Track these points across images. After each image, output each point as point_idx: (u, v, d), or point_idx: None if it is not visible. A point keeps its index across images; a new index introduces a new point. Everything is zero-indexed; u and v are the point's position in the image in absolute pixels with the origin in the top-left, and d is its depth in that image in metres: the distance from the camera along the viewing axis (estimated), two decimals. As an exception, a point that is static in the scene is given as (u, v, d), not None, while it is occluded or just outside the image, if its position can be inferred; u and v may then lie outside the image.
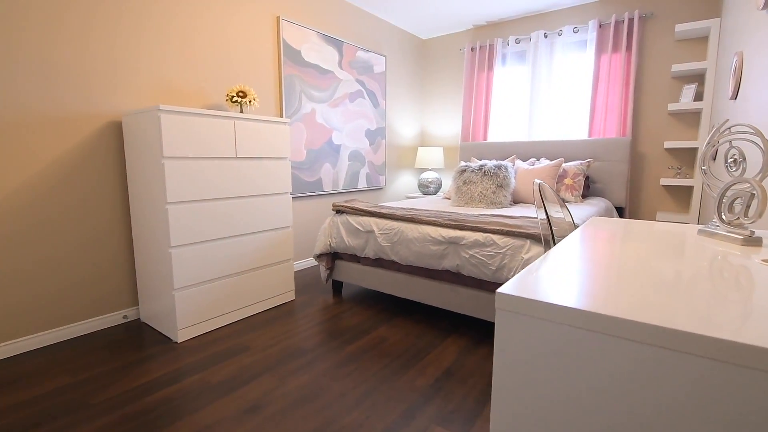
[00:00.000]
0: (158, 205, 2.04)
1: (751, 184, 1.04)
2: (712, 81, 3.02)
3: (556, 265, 0.80)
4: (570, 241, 1.04)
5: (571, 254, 0.89)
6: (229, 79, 2.78)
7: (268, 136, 2.46)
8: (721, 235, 1.09)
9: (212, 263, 2.22)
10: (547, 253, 0.91)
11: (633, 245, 0.99)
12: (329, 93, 3.51)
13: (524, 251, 1.93)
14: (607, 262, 0.84)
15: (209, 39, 2.64)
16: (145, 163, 2.08)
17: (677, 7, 3.30)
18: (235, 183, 2.29)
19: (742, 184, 1.08)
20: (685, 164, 3.39)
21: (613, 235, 1.14)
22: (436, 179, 4.48)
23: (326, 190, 3.59)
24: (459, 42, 4.52)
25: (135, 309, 2.41)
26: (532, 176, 3.24)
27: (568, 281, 0.70)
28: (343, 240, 2.65)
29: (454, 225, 2.19)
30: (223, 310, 2.30)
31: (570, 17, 3.78)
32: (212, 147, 2.16)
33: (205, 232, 2.16)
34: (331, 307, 2.59)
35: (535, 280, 0.71)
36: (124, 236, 2.33)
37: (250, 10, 2.86)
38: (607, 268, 0.78)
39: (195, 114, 2.07)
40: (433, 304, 2.32)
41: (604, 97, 3.60)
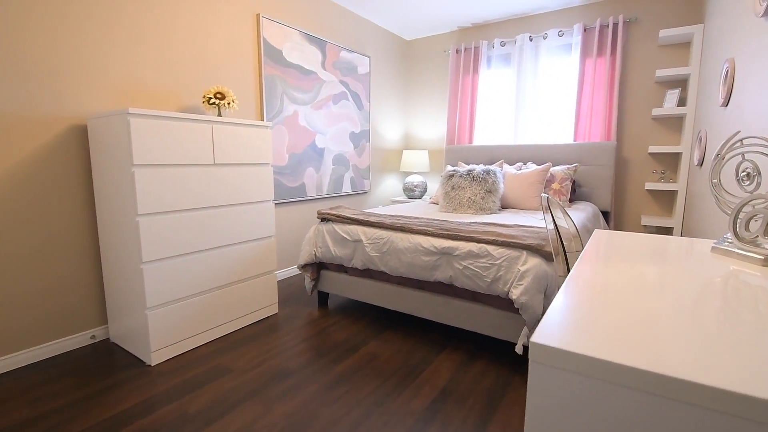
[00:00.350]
0: (128, 217, 1.87)
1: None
2: (696, 86, 3.05)
3: (584, 301, 0.71)
4: (585, 265, 0.96)
5: (593, 284, 0.81)
6: (206, 79, 2.62)
7: (248, 141, 2.31)
8: (738, 254, 1.03)
9: (189, 278, 2.06)
10: (568, 281, 0.83)
11: (650, 269, 0.92)
12: (312, 94, 3.38)
13: (521, 263, 1.86)
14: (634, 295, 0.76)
15: (185, 37, 2.48)
16: (113, 171, 1.91)
17: (661, 13, 3.31)
18: (213, 191, 2.14)
19: (759, 200, 1.03)
20: (669, 169, 3.41)
21: (624, 255, 1.07)
22: (422, 183, 4.40)
23: (310, 195, 3.46)
24: (444, 43, 4.45)
25: (104, 328, 2.22)
26: (520, 181, 3.20)
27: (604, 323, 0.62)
28: (329, 250, 2.53)
29: (446, 235, 2.11)
30: (201, 328, 2.15)
31: (555, 21, 3.77)
32: (188, 153, 2.00)
33: (180, 245, 2.01)
34: (317, 321, 2.47)
35: (569, 325, 0.62)
36: (90, 250, 2.15)
37: (229, 7, 2.71)
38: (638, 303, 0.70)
39: (168, 118, 1.91)
40: (425, 316, 2.23)
41: (589, 101, 3.59)
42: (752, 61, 1.69)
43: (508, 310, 1.94)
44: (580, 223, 2.63)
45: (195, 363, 1.96)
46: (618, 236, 1.30)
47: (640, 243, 1.20)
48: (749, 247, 1.02)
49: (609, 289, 0.77)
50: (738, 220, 1.06)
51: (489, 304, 2.01)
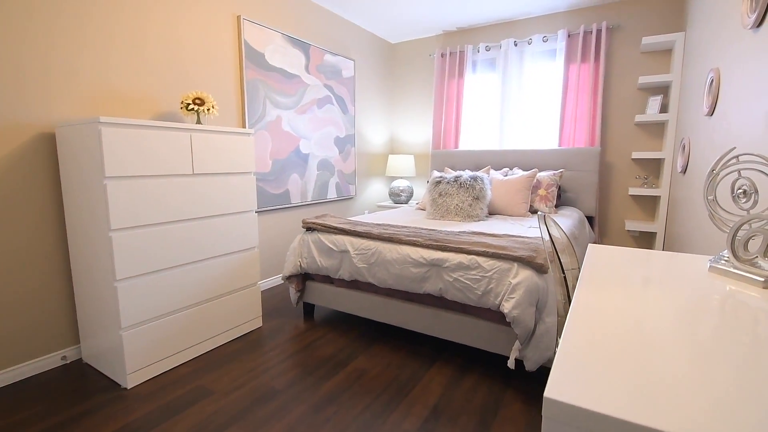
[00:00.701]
0: (100, 232, 1.76)
1: (770, 222, 0.97)
2: (677, 93, 3.09)
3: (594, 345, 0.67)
4: (585, 294, 0.92)
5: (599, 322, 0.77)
6: (185, 84, 2.51)
7: (229, 149, 2.22)
8: (736, 274, 1.01)
9: (167, 295, 1.96)
10: (572, 316, 0.79)
11: (655, 300, 0.88)
12: (296, 99, 3.29)
13: (512, 275, 1.82)
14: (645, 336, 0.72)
15: (161, 39, 2.36)
16: (84, 183, 1.79)
17: (643, 20, 3.35)
18: (192, 203, 2.04)
19: (758, 221, 1.01)
20: (652, 174, 3.45)
21: (623, 280, 1.03)
22: (408, 188, 4.36)
23: (294, 202, 3.37)
24: (429, 47, 4.42)
25: (76, 348, 2.10)
26: (507, 187, 3.18)
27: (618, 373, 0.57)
28: (315, 260, 2.46)
29: (435, 246, 2.06)
30: (181, 346, 2.05)
31: (539, 26, 3.77)
32: (165, 163, 1.90)
33: (157, 261, 1.90)
34: (303, 334, 2.39)
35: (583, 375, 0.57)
36: (60, 266, 2.02)
37: (208, 9, 2.60)
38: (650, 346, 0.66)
39: (143, 126, 1.81)
40: (414, 329, 2.18)
41: (573, 107, 3.61)
42: (739, 72, 1.70)
43: (499, 322, 1.91)
44: (567, 231, 2.62)
45: (174, 385, 1.86)
46: (612, 254, 1.27)
47: (636, 263, 1.17)
48: (748, 267, 1.00)
49: (618, 329, 0.73)
50: (736, 239, 1.05)
51: (480, 316, 1.98)
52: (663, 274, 1.07)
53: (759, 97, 1.44)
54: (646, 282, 0.99)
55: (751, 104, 1.52)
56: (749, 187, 1.09)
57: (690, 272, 1.08)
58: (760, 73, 1.45)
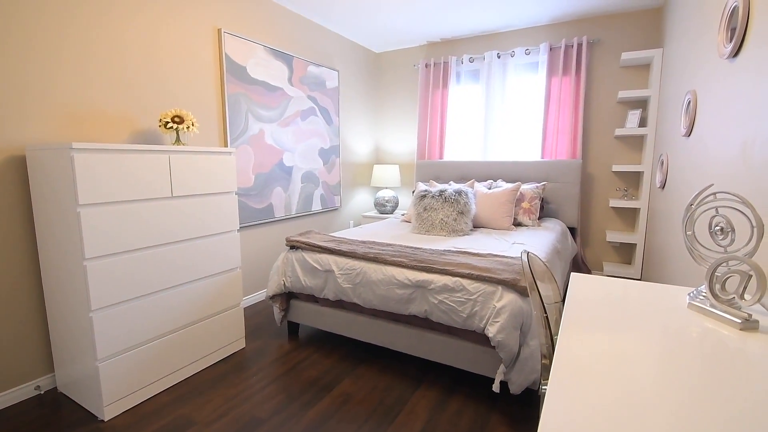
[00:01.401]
0: (74, 261, 1.70)
1: (748, 265, 0.99)
2: (656, 108, 3.15)
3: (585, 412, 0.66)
4: (569, 341, 0.92)
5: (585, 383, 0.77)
6: (164, 100, 2.45)
7: (210, 169, 2.17)
8: (715, 314, 1.03)
9: (146, 322, 1.90)
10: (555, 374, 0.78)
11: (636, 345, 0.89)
12: (279, 111, 3.25)
13: (496, 298, 1.83)
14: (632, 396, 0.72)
15: (138, 55, 2.29)
16: (57, 209, 1.73)
17: (623, 36, 3.41)
18: (171, 226, 1.98)
19: (735, 261, 1.03)
20: (631, 186, 3.52)
21: (605, 320, 1.04)
22: (393, 198, 4.35)
23: (278, 216, 3.32)
24: (413, 57, 4.42)
25: (50, 377, 2.02)
26: (491, 201, 3.20)
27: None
28: (299, 279, 2.43)
29: (420, 267, 2.06)
30: (161, 374, 1.99)
31: (522, 39, 3.81)
32: (142, 187, 1.85)
33: (135, 288, 1.84)
34: (287, 356, 2.36)
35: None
36: (33, 294, 1.94)
37: (187, 22, 2.54)
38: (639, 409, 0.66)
39: (119, 150, 1.75)
40: (400, 349, 2.17)
41: (555, 119, 3.66)
42: (715, 99, 1.74)
43: (484, 344, 1.91)
44: (550, 245, 2.65)
45: (154, 415, 1.81)
46: (594, 287, 1.28)
47: (618, 300, 1.18)
48: (726, 308, 1.02)
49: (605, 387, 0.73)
50: (715, 276, 1.06)
51: (465, 338, 1.98)
52: (644, 312, 1.08)
53: (735, 126, 1.48)
54: (627, 325, 0.99)
55: (728, 132, 1.55)
56: (726, 225, 1.11)
57: (670, 309, 1.10)
58: (737, 102, 1.48)
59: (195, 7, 2.57)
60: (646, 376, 0.76)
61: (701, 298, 1.11)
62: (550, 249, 2.57)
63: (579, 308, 1.11)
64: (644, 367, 0.79)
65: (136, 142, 2.31)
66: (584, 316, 1.06)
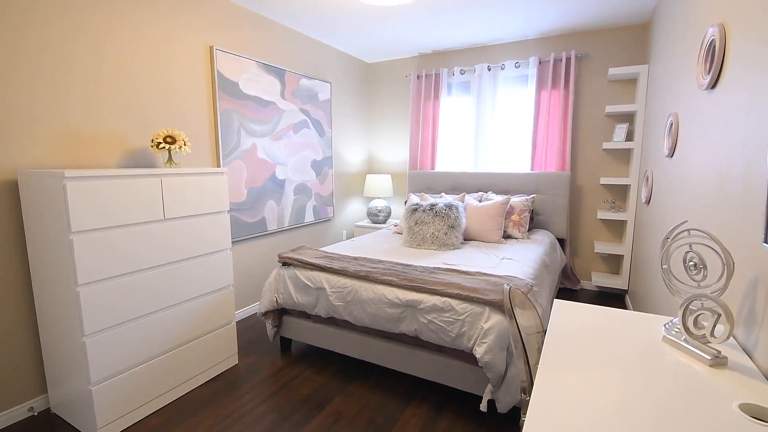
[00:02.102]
0: (67, 286, 1.71)
1: (717, 303, 1.04)
2: (642, 123, 3.22)
3: None
4: (548, 380, 0.96)
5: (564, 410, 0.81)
6: (155, 119, 2.46)
7: (202, 190, 2.19)
8: (688, 349, 1.08)
9: (139, 344, 1.92)
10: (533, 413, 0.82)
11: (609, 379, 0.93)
12: (271, 126, 3.27)
13: (483, 320, 1.87)
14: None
15: (130, 75, 2.31)
16: (49, 235, 1.74)
17: (610, 51, 3.48)
18: (163, 248, 2.00)
19: (704, 299, 1.08)
20: (619, 198, 3.59)
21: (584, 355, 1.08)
22: (386, 207, 4.38)
23: (270, 229, 3.35)
24: (405, 68, 4.46)
25: (44, 397, 2.03)
26: (481, 213, 3.25)
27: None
28: (292, 296, 2.45)
29: (410, 286, 2.09)
30: (154, 394, 2.01)
31: (512, 52, 3.86)
32: (134, 211, 1.86)
33: (128, 311, 1.86)
34: (280, 372, 2.38)
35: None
36: (26, 316, 1.95)
37: (179, 41, 2.55)
38: None
39: (110, 176, 1.77)
40: (391, 366, 2.21)
41: (544, 132, 3.72)
42: (695, 126, 1.79)
43: (472, 363, 1.95)
44: (538, 260, 2.70)
45: (147, 437, 1.83)
46: (574, 317, 1.32)
47: (597, 331, 1.22)
48: (697, 344, 1.07)
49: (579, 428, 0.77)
50: (689, 310, 1.11)
51: (454, 356, 2.02)
52: (621, 345, 1.12)
53: (713, 155, 1.52)
54: (604, 361, 1.03)
55: (707, 159, 1.60)
56: (699, 262, 1.16)
57: (647, 342, 1.14)
58: (715, 132, 1.53)
59: (187, 26, 2.59)
60: (618, 415, 0.81)
61: (675, 331, 1.16)
62: (538, 264, 2.62)
63: (559, 341, 1.15)
64: (617, 406, 0.84)
65: (128, 162, 2.33)
66: (564, 350, 1.10)
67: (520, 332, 1.11)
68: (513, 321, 1.12)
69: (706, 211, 1.57)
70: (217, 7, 2.78)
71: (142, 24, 2.34)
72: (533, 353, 1.23)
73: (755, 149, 1.14)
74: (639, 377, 0.96)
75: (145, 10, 2.35)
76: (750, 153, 1.18)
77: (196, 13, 2.63)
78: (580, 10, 3.05)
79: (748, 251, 1.14)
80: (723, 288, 1.09)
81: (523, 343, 1.11)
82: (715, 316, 1.05)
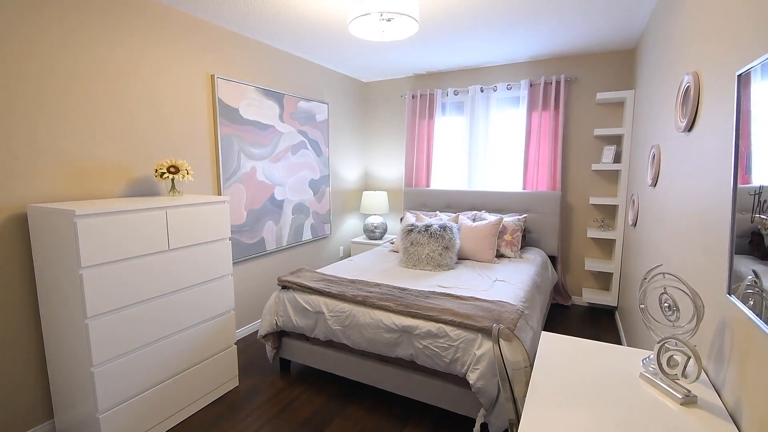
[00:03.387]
0: (75, 318, 1.78)
1: (687, 346, 1.13)
2: (629, 145, 3.34)
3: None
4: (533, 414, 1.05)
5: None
6: (159, 147, 2.54)
7: (205, 219, 2.27)
8: (662, 387, 1.17)
9: (144, 372, 1.99)
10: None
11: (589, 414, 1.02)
12: (270, 148, 3.36)
13: (476, 346, 1.96)
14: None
15: (134, 106, 2.39)
16: (58, 269, 1.81)
17: (598, 76, 3.60)
18: (166, 278, 2.08)
19: (675, 342, 1.17)
20: (608, 217, 3.70)
21: (567, 391, 1.17)
22: (382, 224, 4.47)
23: (269, 248, 3.42)
24: (400, 87, 4.57)
25: (50, 423, 2.08)
26: (475, 234, 3.35)
27: None
28: (291, 319, 2.53)
29: (406, 312, 2.18)
30: (158, 419, 2.07)
31: (504, 74, 3.98)
32: (141, 244, 1.94)
33: (133, 341, 1.93)
34: (280, 394, 2.45)
35: None
36: (34, 346, 2.01)
37: (182, 72, 2.64)
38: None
39: (120, 212, 1.84)
40: (387, 389, 2.29)
41: (536, 152, 3.83)
42: (675, 162, 1.89)
43: (466, 387, 2.03)
44: (530, 281, 2.80)
45: (152, 463, 1.89)
46: (560, 350, 1.41)
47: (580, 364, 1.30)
48: (670, 383, 1.16)
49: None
50: (665, 348, 1.20)
51: (448, 380, 2.10)
52: (602, 381, 1.21)
53: (693, 191, 1.60)
54: (586, 398, 1.12)
55: (684, 198, 1.69)
56: (672, 304, 1.26)
57: (625, 379, 1.23)
58: (693, 171, 1.62)
59: (190, 56, 2.68)
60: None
61: (652, 368, 1.26)
62: (529, 286, 2.72)
63: (545, 377, 1.24)
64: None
65: (132, 191, 2.40)
66: (549, 386, 1.19)
67: (507, 374, 1.20)
68: (502, 363, 1.20)
69: (684, 248, 1.66)
70: (217, 35, 2.87)
71: (143, 54, 2.43)
72: (522, 387, 1.32)
73: (725, 198, 1.23)
74: (617, 414, 1.05)
75: (147, 40, 2.44)
76: (720, 200, 1.27)
77: (196, 42, 2.72)
78: (568, 36, 3.17)
79: (716, 296, 1.24)
80: (694, 330, 1.18)
81: (510, 382, 1.20)
82: (686, 358, 1.14)
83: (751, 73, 0.97)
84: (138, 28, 2.38)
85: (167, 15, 2.53)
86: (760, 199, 0.92)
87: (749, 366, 0.98)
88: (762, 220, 0.91)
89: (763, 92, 0.92)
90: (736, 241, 1.07)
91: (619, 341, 3.06)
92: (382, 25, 2.24)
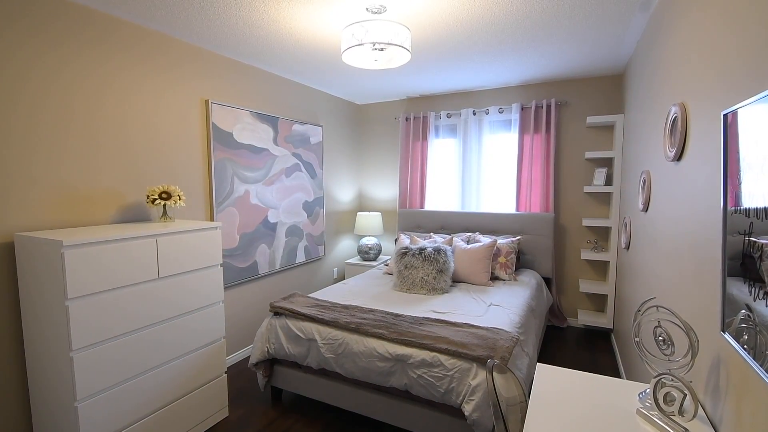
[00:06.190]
0: (61, 350, 1.73)
1: (683, 383, 1.12)
2: (620, 168, 3.38)
3: None
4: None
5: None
6: (151, 172, 2.52)
7: (196, 246, 2.24)
8: (659, 425, 1.15)
9: (131, 405, 1.93)
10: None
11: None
12: (264, 172, 3.36)
13: (471, 376, 1.92)
14: None
15: (125, 132, 2.38)
16: (44, 300, 1.77)
17: (588, 100, 3.67)
18: (156, 307, 2.03)
19: (671, 378, 1.15)
20: (601, 238, 3.72)
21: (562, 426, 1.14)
22: (376, 245, 4.45)
23: (262, 272, 3.38)
24: (394, 110, 4.62)
25: (29, 460, 2.01)
26: (469, 257, 3.34)
27: None
28: (283, 347, 2.48)
29: (400, 340, 2.15)
30: (144, 454, 2.00)
31: (496, 98, 4.05)
32: (129, 273, 1.90)
33: (120, 373, 1.88)
34: (272, 425, 2.38)
35: None
36: (16, 377, 1.94)
37: (174, 96, 2.65)
38: None
39: (108, 242, 1.82)
40: (381, 419, 2.24)
41: (528, 174, 3.86)
42: (665, 189, 1.91)
43: (462, 418, 1.99)
44: (525, 305, 2.78)
45: (136, 503, 1.82)
46: (556, 383, 1.39)
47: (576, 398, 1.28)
48: (666, 420, 1.14)
49: None
50: (660, 384, 1.18)
51: (444, 411, 2.06)
52: (598, 417, 1.19)
53: (683, 218, 1.61)
54: None
55: (676, 227, 1.70)
56: (667, 338, 1.25)
57: (621, 414, 1.21)
58: (682, 203, 1.62)
59: (184, 82, 2.69)
60: None
61: (648, 403, 1.23)
62: (524, 310, 2.70)
63: (541, 414, 1.21)
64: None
65: (123, 217, 2.37)
66: (544, 423, 1.16)
67: (502, 411, 1.17)
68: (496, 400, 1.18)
69: (677, 276, 1.66)
70: (212, 61, 2.89)
71: (137, 81, 2.44)
72: (516, 425, 1.29)
73: (715, 231, 1.23)
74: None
75: (141, 67, 2.45)
76: (710, 233, 1.27)
77: (190, 68, 2.74)
78: (558, 62, 3.23)
79: (711, 331, 1.23)
80: (689, 365, 1.17)
81: (504, 420, 1.17)
82: (682, 395, 1.13)
83: (738, 113, 0.99)
84: (134, 56, 2.39)
85: (162, 42, 2.55)
86: (750, 239, 0.92)
87: (746, 407, 0.97)
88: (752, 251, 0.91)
89: (749, 132, 0.93)
90: (728, 263, 1.06)
91: (615, 364, 3.03)
92: (374, 54, 2.27)
